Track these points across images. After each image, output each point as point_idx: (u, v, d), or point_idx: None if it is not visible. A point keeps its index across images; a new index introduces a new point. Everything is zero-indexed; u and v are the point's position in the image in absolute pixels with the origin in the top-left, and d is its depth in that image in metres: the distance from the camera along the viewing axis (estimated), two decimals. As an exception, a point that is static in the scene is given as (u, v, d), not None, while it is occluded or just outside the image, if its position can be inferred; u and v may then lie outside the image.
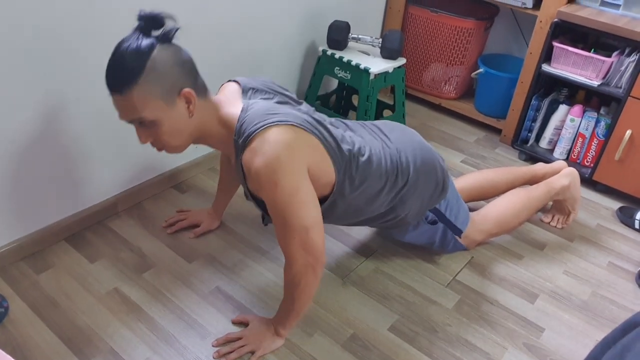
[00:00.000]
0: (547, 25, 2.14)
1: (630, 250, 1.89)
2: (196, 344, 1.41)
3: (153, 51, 1.14)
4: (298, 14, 2.19)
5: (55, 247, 1.67)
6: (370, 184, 1.43)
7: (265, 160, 1.18)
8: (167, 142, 1.25)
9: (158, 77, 1.15)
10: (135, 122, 1.21)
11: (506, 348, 1.48)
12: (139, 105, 1.15)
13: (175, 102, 1.20)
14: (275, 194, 1.21)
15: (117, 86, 1.14)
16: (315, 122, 1.32)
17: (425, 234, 1.66)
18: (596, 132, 2.16)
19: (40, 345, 1.37)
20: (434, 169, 1.57)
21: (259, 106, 1.27)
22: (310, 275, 1.30)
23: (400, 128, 1.61)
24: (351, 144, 1.39)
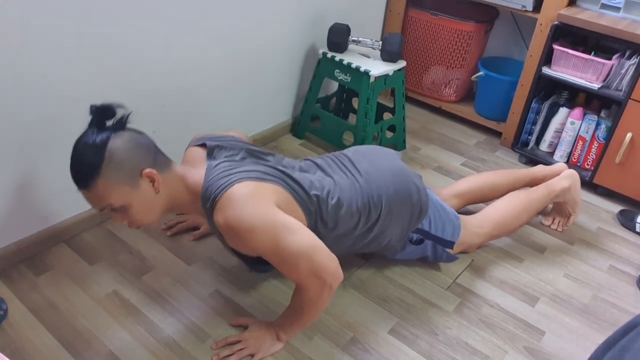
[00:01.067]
0: (547, 28, 2.14)
1: (631, 253, 1.88)
2: (195, 347, 1.41)
3: (108, 142, 1.19)
4: (298, 17, 2.19)
5: (55, 250, 1.67)
6: (344, 224, 1.43)
7: (233, 215, 1.22)
8: (141, 220, 1.29)
9: (118, 166, 1.20)
10: (106, 210, 1.26)
11: (506, 351, 1.48)
12: (105, 195, 1.21)
13: (139, 183, 1.25)
14: (257, 240, 1.23)
15: (81, 182, 1.21)
16: (280, 173, 1.36)
17: (414, 253, 1.66)
18: (596, 135, 2.16)
19: (39, 348, 1.37)
20: (408, 193, 1.54)
21: (221, 168, 1.31)
22: (327, 293, 1.30)
23: (372, 154, 1.60)
24: (320, 189, 1.41)
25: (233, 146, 1.40)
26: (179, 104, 1.87)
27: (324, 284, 1.27)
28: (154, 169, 1.26)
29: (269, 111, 2.30)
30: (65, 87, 1.51)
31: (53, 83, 1.47)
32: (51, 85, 1.47)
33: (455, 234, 1.66)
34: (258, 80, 2.15)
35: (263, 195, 1.26)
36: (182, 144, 1.95)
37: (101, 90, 1.60)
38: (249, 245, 1.25)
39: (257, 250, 1.27)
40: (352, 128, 2.22)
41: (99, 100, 1.58)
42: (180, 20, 1.72)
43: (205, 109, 1.98)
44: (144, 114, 1.76)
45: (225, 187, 1.25)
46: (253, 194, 1.25)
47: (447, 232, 1.65)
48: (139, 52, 1.65)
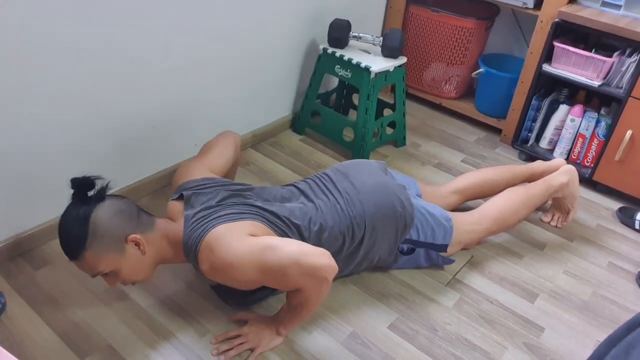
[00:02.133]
0: (548, 25, 2.13)
1: (630, 250, 1.89)
2: (195, 341, 1.40)
3: (91, 215, 1.25)
4: (299, 12, 2.18)
5: (54, 244, 1.66)
6: (329, 247, 1.43)
7: (212, 260, 1.26)
8: (133, 280, 1.35)
9: (102, 236, 1.26)
10: (98, 275, 1.31)
11: (506, 347, 1.48)
12: (94, 265, 1.28)
13: (125, 249, 1.30)
14: (243, 271, 1.25)
15: (71, 255, 1.27)
16: (257, 209, 1.38)
17: (408, 263, 1.66)
18: (596, 133, 2.16)
19: (38, 342, 1.36)
20: (391, 208, 1.54)
21: (196, 218, 1.33)
22: (324, 286, 1.30)
23: (355, 171, 1.60)
24: (301, 218, 1.43)
25: (210, 191, 1.41)
26: (178, 99, 1.86)
27: (320, 281, 1.27)
28: (138, 233, 1.31)
29: (269, 106, 2.30)
30: (71, 84, 1.50)
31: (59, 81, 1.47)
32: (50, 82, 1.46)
33: (447, 237, 1.66)
34: (258, 75, 2.14)
35: (235, 231, 1.29)
36: (181, 139, 1.95)
37: (101, 89, 1.59)
38: (239, 279, 1.28)
39: (248, 281, 1.29)
40: (352, 124, 2.21)
41: (101, 95, 1.59)
42: (180, 16, 1.71)
43: (205, 104, 1.98)
44: (144, 111, 1.75)
45: (202, 236, 1.29)
46: (225, 233, 1.28)
47: (438, 237, 1.65)
48: (139, 49, 1.64)
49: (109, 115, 1.67)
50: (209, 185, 1.43)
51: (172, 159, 1.96)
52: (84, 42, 1.50)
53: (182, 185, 1.45)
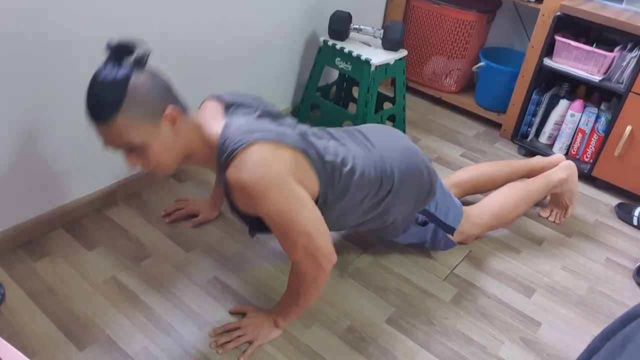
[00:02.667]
0: (549, 18, 2.12)
1: (628, 246, 1.89)
2: (193, 333, 1.41)
3: (130, 79, 1.13)
4: (300, 4, 2.17)
5: (53, 235, 1.66)
6: (353, 194, 1.41)
7: (249, 176, 1.18)
8: (156, 164, 1.24)
9: (139, 102, 1.14)
10: (122, 148, 1.19)
11: (503, 342, 1.49)
12: (124, 132, 1.15)
13: (160, 123, 1.19)
14: (266, 205, 1.21)
15: (100, 117, 1.13)
16: (298, 137, 1.33)
17: (415, 235, 1.65)
18: (596, 128, 2.16)
19: (37, 333, 1.37)
20: (420, 173, 1.54)
21: (240, 123, 1.27)
22: (321, 276, 1.30)
23: (385, 132, 1.59)
24: (334, 155, 1.39)
25: (250, 104, 1.36)
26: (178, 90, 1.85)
27: (318, 266, 1.27)
28: (176, 110, 1.21)
29: (268, 98, 2.27)
30: (68, 72, 1.50)
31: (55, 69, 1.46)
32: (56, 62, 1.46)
33: (457, 221, 1.67)
34: (258, 67, 2.13)
35: (281, 161, 1.23)
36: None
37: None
38: (257, 207, 1.22)
39: (262, 213, 1.23)
40: (352, 117, 2.21)
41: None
42: (180, 6, 1.70)
43: (205, 94, 1.97)
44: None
45: (243, 144, 1.20)
46: (272, 158, 1.21)
47: (450, 218, 1.65)
48: (137, 36, 1.63)
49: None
50: (249, 100, 1.38)
51: (171, 150, 1.96)
52: (84, 29, 1.49)
53: (220, 94, 1.39)
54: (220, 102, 1.37)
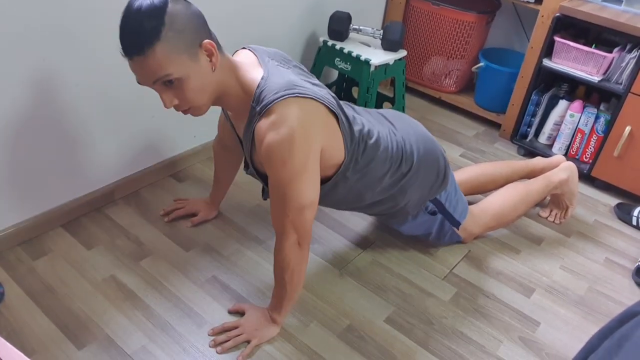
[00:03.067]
0: (548, 19, 2.13)
1: (627, 246, 1.89)
2: (192, 332, 1.41)
3: (168, 6, 1.07)
4: (299, 4, 2.17)
5: (52, 234, 1.66)
6: (374, 168, 1.43)
7: (279, 137, 1.17)
8: (193, 101, 1.18)
9: (178, 31, 1.09)
10: (159, 84, 1.13)
11: (501, 341, 1.49)
12: (163, 63, 1.09)
13: (198, 55, 1.14)
14: (281, 171, 1.21)
15: (139, 47, 1.07)
16: (333, 100, 1.31)
17: (423, 225, 1.66)
18: (595, 128, 2.16)
19: (36, 331, 1.37)
20: (437, 159, 1.57)
21: (280, 75, 1.24)
22: (298, 253, 1.31)
23: (405, 117, 1.63)
24: (361, 125, 1.39)
25: (283, 60, 1.33)
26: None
27: (295, 240, 1.28)
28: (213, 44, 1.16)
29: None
30: (66, 72, 1.50)
31: (54, 67, 1.46)
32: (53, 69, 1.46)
33: (463, 216, 1.69)
34: (258, 67, 2.13)
35: (313, 130, 1.22)
36: (180, 130, 1.95)
37: (101, 73, 1.59)
38: (273, 166, 1.21)
39: (272, 174, 1.23)
40: (352, 117, 2.21)
41: (100, 84, 1.59)
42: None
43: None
44: (143, 98, 1.75)
45: (283, 96, 1.17)
46: (306, 124, 1.19)
47: (458, 212, 1.67)
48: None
49: (108, 105, 1.66)
50: (280, 56, 1.35)
51: (171, 150, 1.96)
52: (83, 30, 1.49)
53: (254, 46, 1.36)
54: (254, 53, 1.33)
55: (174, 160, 1.98)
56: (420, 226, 1.66)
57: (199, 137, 2.04)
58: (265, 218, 1.83)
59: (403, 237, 1.80)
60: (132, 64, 1.11)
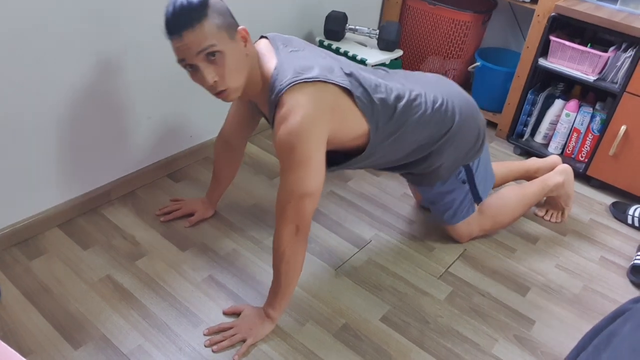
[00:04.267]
0: (544, 19, 2.13)
1: (622, 245, 1.90)
2: (188, 332, 1.41)
3: None
4: (295, 4, 2.18)
5: (48, 234, 1.67)
6: (409, 130, 1.46)
7: (287, 129, 1.24)
8: (231, 79, 1.26)
9: (220, 11, 1.22)
10: (202, 55, 1.21)
11: (497, 340, 1.49)
12: (209, 35, 1.20)
13: (235, 37, 1.26)
14: (289, 157, 1.27)
15: (189, 22, 1.18)
16: (344, 74, 1.35)
17: (450, 193, 1.67)
18: (591, 127, 2.17)
19: (32, 331, 1.37)
20: (477, 124, 1.60)
21: (290, 62, 1.31)
22: (294, 243, 1.33)
23: (446, 81, 1.65)
24: (385, 92, 1.42)
25: (298, 44, 1.41)
26: (174, 89, 1.86)
27: (294, 227, 1.32)
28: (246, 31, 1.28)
29: (264, 99, 2.29)
30: (63, 73, 1.50)
31: (50, 68, 1.46)
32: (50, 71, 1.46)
33: (485, 193, 1.72)
34: (254, 67, 2.14)
35: (321, 116, 1.28)
36: (177, 130, 1.96)
37: (97, 75, 1.59)
38: (281, 156, 1.28)
39: (281, 162, 1.30)
40: (348, 117, 2.21)
41: (96, 85, 1.59)
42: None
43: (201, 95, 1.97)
44: (139, 99, 1.75)
45: (290, 84, 1.26)
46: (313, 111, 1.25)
47: (482, 186, 1.70)
48: (135, 37, 1.64)
49: (103, 105, 1.66)
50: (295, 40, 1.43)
51: (167, 149, 1.97)
52: (78, 27, 1.49)
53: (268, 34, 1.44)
54: (270, 40, 1.40)
55: (170, 160, 1.98)
56: (446, 195, 1.67)
57: (195, 137, 2.04)
58: (262, 218, 1.83)
59: (399, 235, 1.80)
60: (179, 40, 1.20)
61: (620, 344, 0.83)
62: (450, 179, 1.64)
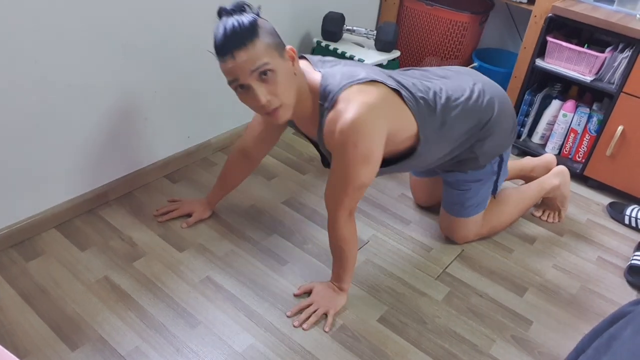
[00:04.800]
0: (541, 20, 2.14)
1: (619, 245, 1.90)
2: (186, 333, 1.41)
3: (257, 16, 1.25)
4: (293, 4, 2.18)
5: (46, 235, 1.66)
6: (453, 124, 1.49)
7: (351, 120, 1.26)
8: (284, 96, 1.28)
9: (269, 33, 1.25)
10: (256, 74, 1.23)
11: (494, 340, 1.49)
12: (261, 54, 1.22)
13: (285, 56, 1.28)
14: (350, 153, 1.29)
15: (241, 42, 1.20)
16: (390, 77, 1.40)
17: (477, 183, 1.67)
18: (588, 128, 2.17)
19: (29, 333, 1.37)
20: (511, 111, 1.64)
21: (336, 71, 1.36)
22: (351, 225, 1.44)
23: (478, 73, 1.67)
24: (425, 90, 1.46)
25: (333, 61, 1.44)
26: (171, 91, 1.86)
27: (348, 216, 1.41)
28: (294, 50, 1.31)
29: (262, 99, 2.29)
30: (59, 74, 1.50)
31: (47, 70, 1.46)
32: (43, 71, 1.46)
33: (500, 186, 1.75)
34: (252, 68, 2.13)
35: (382, 114, 1.32)
36: (174, 132, 1.95)
37: (94, 77, 1.59)
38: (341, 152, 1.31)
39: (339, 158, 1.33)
40: (346, 117, 2.21)
41: (92, 87, 1.59)
42: (173, 6, 1.71)
43: (198, 95, 1.97)
44: (136, 101, 1.75)
45: (348, 84, 1.30)
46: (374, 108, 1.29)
47: (501, 181, 1.73)
48: (131, 38, 1.64)
49: (100, 107, 1.66)
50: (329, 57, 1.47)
51: (165, 151, 1.96)
52: (73, 33, 1.49)
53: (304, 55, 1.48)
54: (308, 60, 1.44)
55: (168, 161, 1.98)
56: (474, 183, 1.67)
57: (192, 138, 2.04)
58: (259, 219, 1.83)
59: (397, 236, 1.81)
60: (232, 61, 1.22)
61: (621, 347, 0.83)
62: (486, 167, 1.66)
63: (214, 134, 2.13)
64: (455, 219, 1.75)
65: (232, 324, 1.45)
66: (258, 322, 1.46)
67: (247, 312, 1.49)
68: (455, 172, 1.67)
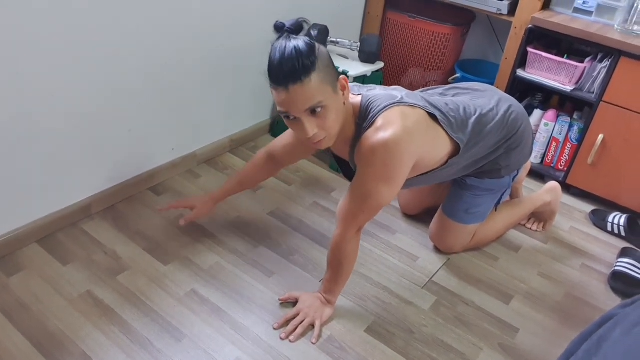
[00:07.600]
0: (521, 31, 2.17)
1: (602, 252, 1.92)
2: (171, 347, 1.39)
3: (316, 44, 1.22)
4: (277, 16, 2.18)
5: (27, 250, 1.63)
6: (483, 139, 1.53)
7: (386, 139, 1.28)
8: (331, 129, 1.28)
9: (326, 64, 1.23)
10: (308, 112, 1.23)
11: (481, 348, 1.49)
12: (316, 92, 1.20)
13: (337, 88, 1.28)
14: (378, 170, 1.31)
15: (299, 75, 1.18)
16: (425, 101, 1.43)
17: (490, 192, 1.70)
18: (569, 137, 2.20)
19: (11, 350, 1.34)
20: (530, 126, 1.69)
21: (376, 93, 1.39)
22: (356, 242, 1.45)
23: (495, 88, 1.72)
24: (456, 110, 1.49)
25: (369, 85, 1.48)
26: (155, 102, 1.85)
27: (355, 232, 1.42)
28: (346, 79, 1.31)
29: (248, 110, 2.30)
30: (42, 85, 1.48)
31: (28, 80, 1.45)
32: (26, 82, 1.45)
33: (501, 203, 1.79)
34: (237, 78, 2.14)
35: (416, 139, 1.34)
36: (158, 143, 1.94)
37: (77, 87, 1.58)
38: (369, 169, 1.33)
39: (364, 174, 1.34)
40: (330, 128, 2.22)
41: (75, 97, 1.57)
42: (159, 16, 1.71)
43: (182, 107, 1.97)
44: (120, 112, 1.74)
45: (388, 106, 1.32)
46: (410, 132, 1.31)
47: (506, 194, 1.77)
48: (114, 49, 1.63)
49: (83, 118, 1.65)
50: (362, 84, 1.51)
51: (148, 163, 1.95)
52: (58, 44, 1.48)
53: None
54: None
55: (152, 173, 1.96)
56: (487, 192, 1.70)
57: (177, 150, 2.03)
58: (245, 231, 1.82)
59: (383, 246, 1.81)
60: (285, 93, 1.20)
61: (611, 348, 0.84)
62: (504, 179, 1.68)
63: (198, 146, 2.12)
64: (453, 223, 1.74)
65: (218, 337, 1.43)
66: (244, 335, 1.45)
67: (233, 324, 1.48)
68: (472, 177, 1.68)
